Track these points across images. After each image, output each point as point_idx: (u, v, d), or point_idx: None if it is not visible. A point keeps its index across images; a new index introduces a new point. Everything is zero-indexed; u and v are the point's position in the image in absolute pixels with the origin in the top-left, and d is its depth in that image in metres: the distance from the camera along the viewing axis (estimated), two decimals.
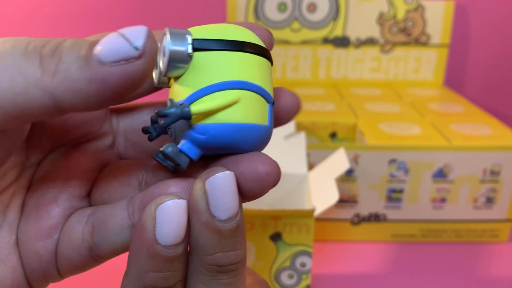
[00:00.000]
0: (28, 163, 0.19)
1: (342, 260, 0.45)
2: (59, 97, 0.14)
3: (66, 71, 0.13)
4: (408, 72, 0.66)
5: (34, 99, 0.14)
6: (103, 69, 0.14)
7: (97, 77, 0.14)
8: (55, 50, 0.14)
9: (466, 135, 0.47)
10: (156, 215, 0.16)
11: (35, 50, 0.14)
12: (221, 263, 0.16)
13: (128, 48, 0.14)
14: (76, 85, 0.14)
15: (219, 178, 0.16)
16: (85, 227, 0.18)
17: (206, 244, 0.16)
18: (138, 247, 0.16)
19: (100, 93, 0.14)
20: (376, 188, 0.45)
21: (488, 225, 0.47)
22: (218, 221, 0.16)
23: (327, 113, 0.53)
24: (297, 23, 0.64)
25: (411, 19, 0.64)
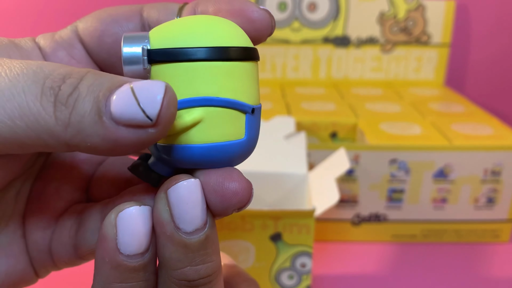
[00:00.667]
0: (42, 152, 0.19)
1: (343, 260, 0.44)
2: (72, 146, 0.13)
3: (78, 124, 0.13)
4: (408, 72, 0.66)
5: (47, 143, 0.13)
6: (116, 130, 0.13)
7: (110, 137, 0.13)
8: (69, 96, 0.13)
9: (467, 135, 0.47)
10: (117, 223, 0.15)
11: (51, 92, 0.13)
12: (190, 277, 0.15)
13: (140, 115, 0.13)
14: (89, 140, 0.13)
15: (183, 187, 0.15)
16: (73, 224, 0.18)
17: (172, 258, 0.15)
18: (101, 258, 0.15)
19: (112, 150, 0.13)
20: (377, 188, 0.45)
21: (489, 225, 0.47)
22: (183, 233, 0.15)
23: (327, 113, 0.53)
24: (297, 22, 0.64)
25: (412, 18, 0.64)
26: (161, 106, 0.13)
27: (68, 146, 0.13)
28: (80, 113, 0.13)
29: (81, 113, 0.13)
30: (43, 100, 0.13)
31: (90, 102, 0.13)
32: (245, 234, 0.35)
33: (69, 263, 0.18)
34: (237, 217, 0.34)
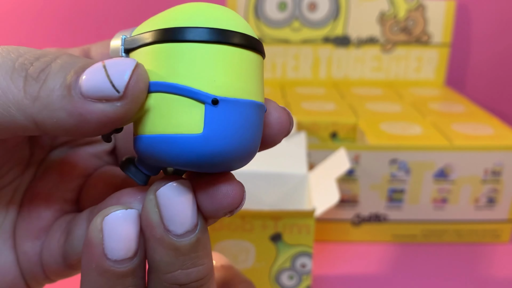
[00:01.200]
0: (32, 160, 0.18)
1: (343, 260, 0.44)
2: (39, 122, 0.13)
3: (47, 98, 0.13)
4: (409, 72, 0.66)
5: (15, 119, 0.13)
6: (83, 104, 0.13)
7: (76, 112, 0.13)
8: (41, 72, 0.13)
9: (467, 135, 0.47)
10: (103, 227, 0.14)
11: (22, 67, 0.13)
12: (181, 281, 0.15)
13: (108, 87, 0.13)
14: (56, 115, 0.13)
15: (172, 188, 0.14)
16: (62, 234, 0.17)
17: (162, 261, 0.15)
18: (88, 264, 0.14)
19: (79, 127, 0.13)
20: (377, 188, 0.45)
21: (490, 225, 0.47)
22: (174, 236, 0.14)
23: (327, 113, 0.53)
24: (297, 22, 0.64)
25: (412, 18, 0.64)
26: (129, 79, 0.13)
27: (35, 124, 0.13)
28: (49, 87, 0.13)
29: (51, 87, 0.13)
30: (13, 75, 0.13)
31: (61, 77, 0.13)
32: (245, 234, 0.35)
33: (60, 275, 0.18)
34: (237, 217, 0.34)
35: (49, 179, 0.18)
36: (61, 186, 0.18)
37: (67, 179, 0.18)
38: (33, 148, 0.18)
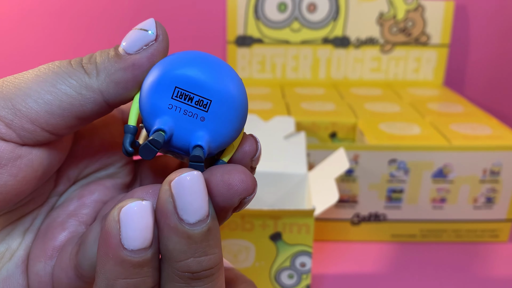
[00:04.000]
0: (55, 192, 0.20)
1: (342, 260, 0.45)
2: (105, 91, 0.17)
3: (105, 69, 0.17)
4: (408, 72, 0.66)
5: (86, 98, 0.16)
6: (132, 57, 0.17)
7: (129, 64, 0.17)
8: (90, 58, 0.17)
9: (466, 135, 0.47)
10: (120, 218, 0.15)
11: (77, 62, 0.17)
12: (193, 269, 0.15)
13: (146, 35, 0.17)
14: (115, 76, 0.17)
15: (186, 178, 0.15)
16: (74, 247, 0.18)
17: (175, 249, 0.15)
18: (105, 254, 0.15)
19: (135, 76, 0.17)
20: (376, 188, 0.45)
21: (488, 225, 0.47)
22: (187, 224, 0.15)
23: (327, 113, 0.53)
24: (297, 23, 0.64)
25: (411, 19, 0.64)
26: (156, 24, 0.17)
27: (102, 94, 0.17)
28: (103, 62, 0.17)
29: (103, 61, 0.17)
30: (76, 69, 0.17)
31: (106, 55, 0.17)
32: (245, 233, 0.35)
33: None
34: (237, 217, 0.34)
35: (67, 204, 0.19)
36: (78, 212, 0.19)
37: (85, 205, 0.19)
38: (58, 180, 0.20)
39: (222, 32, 0.67)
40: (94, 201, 0.20)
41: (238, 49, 0.65)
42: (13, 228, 0.18)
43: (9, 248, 0.18)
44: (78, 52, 0.67)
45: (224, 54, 0.68)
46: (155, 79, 0.16)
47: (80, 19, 0.66)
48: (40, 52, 0.67)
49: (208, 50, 0.68)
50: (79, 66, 0.17)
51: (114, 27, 0.67)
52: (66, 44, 0.67)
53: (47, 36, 0.67)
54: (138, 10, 0.66)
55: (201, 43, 0.67)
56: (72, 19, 0.66)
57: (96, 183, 0.20)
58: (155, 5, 0.66)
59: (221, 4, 0.65)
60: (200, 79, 0.16)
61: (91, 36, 0.67)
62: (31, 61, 0.68)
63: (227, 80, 0.16)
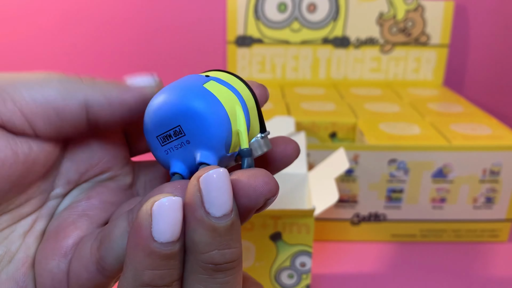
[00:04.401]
0: (54, 194, 0.20)
1: (342, 260, 0.45)
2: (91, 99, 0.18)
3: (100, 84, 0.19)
4: (407, 72, 0.66)
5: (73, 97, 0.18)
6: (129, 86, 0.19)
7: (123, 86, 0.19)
8: (91, 77, 0.19)
9: (465, 135, 0.47)
10: (152, 212, 0.16)
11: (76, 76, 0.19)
12: (217, 261, 0.16)
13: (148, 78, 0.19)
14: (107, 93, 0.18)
15: (213, 175, 0.16)
16: (93, 244, 0.19)
17: (201, 241, 0.16)
18: (135, 245, 0.16)
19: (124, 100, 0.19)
20: (376, 188, 0.45)
21: (488, 225, 0.47)
22: (213, 218, 0.16)
23: (327, 113, 0.53)
24: (297, 23, 0.64)
25: (411, 19, 0.64)
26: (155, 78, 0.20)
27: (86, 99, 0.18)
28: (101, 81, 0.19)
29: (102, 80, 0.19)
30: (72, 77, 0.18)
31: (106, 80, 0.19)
32: (245, 233, 0.35)
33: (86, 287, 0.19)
34: None
35: (75, 206, 0.20)
36: (88, 212, 0.20)
37: (94, 206, 0.20)
38: (56, 182, 0.20)
39: (222, 32, 0.67)
40: (102, 202, 0.20)
41: (238, 49, 0.65)
42: (12, 231, 0.19)
43: (8, 251, 0.19)
44: (79, 52, 0.67)
45: (224, 54, 0.68)
46: (147, 142, 0.19)
47: (82, 20, 0.66)
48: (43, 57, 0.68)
49: (208, 50, 0.68)
50: (76, 76, 0.18)
51: (114, 26, 0.67)
52: (68, 45, 0.67)
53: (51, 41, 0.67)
54: (138, 10, 0.66)
55: (201, 43, 0.67)
56: (73, 19, 0.66)
57: (101, 185, 0.21)
58: (155, 5, 0.66)
59: (221, 4, 0.65)
60: (160, 118, 0.18)
61: (91, 36, 0.67)
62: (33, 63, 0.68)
63: (178, 100, 0.18)
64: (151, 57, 0.68)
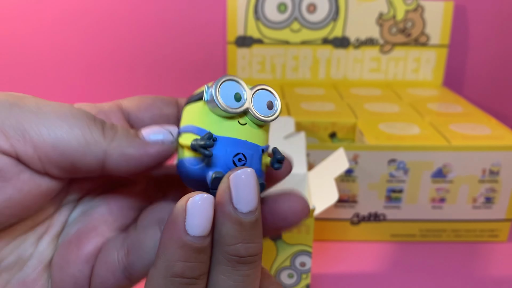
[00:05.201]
0: (67, 200, 0.21)
1: (342, 259, 0.45)
2: (109, 156, 0.18)
3: (120, 139, 0.19)
4: (407, 73, 0.66)
5: (91, 152, 0.18)
6: (148, 144, 0.19)
7: (142, 147, 0.19)
8: (112, 125, 0.19)
9: (465, 135, 0.47)
10: (187, 207, 0.17)
11: (100, 121, 0.19)
12: (241, 253, 0.18)
13: (168, 135, 0.19)
14: (126, 150, 0.18)
15: (241, 174, 0.18)
16: (120, 250, 0.20)
17: (228, 234, 0.18)
18: (169, 238, 0.17)
19: (141, 160, 0.19)
20: (376, 188, 0.45)
21: (487, 224, 0.47)
22: (240, 213, 0.17)
23: (326, 113, 0.53)
24: (297, 23, 0.64)
25: (411, 19, 0.64)
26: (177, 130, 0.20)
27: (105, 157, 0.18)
28: (121, 134, 0.19)
29: (122, 134, 0.19)
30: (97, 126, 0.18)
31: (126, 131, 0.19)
32: None
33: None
34: None
35: (93, 212, 0.21)
36: (108, 218, 0.21)
37: (113, 212, 0.21)
38: (70, 188, 0.21)
39: (222, 33, 0.67)
40: (120, 207, 0.22)
41: (238, 49, 0.65)
42: (25, 238, 0.20)
43: (19, 259, 0.19)
44: (81, 54, 0.67)
45: (224, 54, 0.68)
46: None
47: (81, 20, 0.66)
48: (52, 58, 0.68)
49: (208, 50, 0.68)
50: (100, 125, 0.19)
51: (114, 26, 0.67)
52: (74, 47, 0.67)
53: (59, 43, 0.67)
54: (138, 10, 0.66)
55: (201, 43, 0.68)
56: (73, 20, 0.66)
57: (116, 190, 0.22)
58: (155, 6, 0.66)
59: (221, 5, 0.65)
60: None
61: (93, 38, 0.67)
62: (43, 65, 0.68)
63: None
64: (151, 57, 0.68)
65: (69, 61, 0.68)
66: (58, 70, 0.69)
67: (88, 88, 0.70)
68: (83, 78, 0.69)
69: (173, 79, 0.69)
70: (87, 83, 0.69)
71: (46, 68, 0.68)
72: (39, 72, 0.69)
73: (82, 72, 0.69)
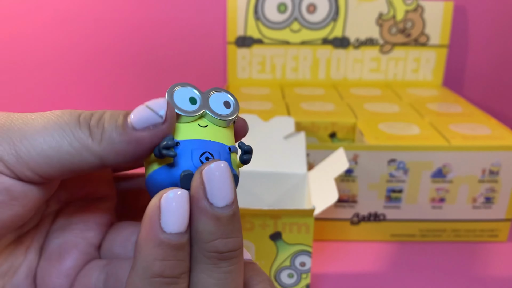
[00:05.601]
0: (47, 212, 0.21)
1: (342, 259, 0.45)
2: (104, 158, 0.18)
3: (109, 138, 0.18)
4: (407, 73, 0.67)
5: (86, 159, 0.18)
6: (137, 133, 0.18)
7: (133, 139, 0.18)
8: (99, 121, 0.18)
9: (465, 135, 0.47)
10: (161, 204, 0.17)
11: (85, 121, 0.18)
12: (221, 249, 0.17)
13: (155, 116, 0.18)
14: (118, 146, 0.18)
15: (214, 167, 0.17)
16: (100, 274, 0.20)
17: (205, 230, 0.17)
18: (145, 237, 0.17)
19: (135, 151, 0.18)
20: (376, 188, 0.45)
21: (487, 224, 0.47)
22: (216, 208, 0.17)
23: (326, 113, 0.53)
24: (297, 23, 0.64)
25: (411, 19, 0.64)
26: (167, 107, 0.18)
27: (101, 159, 0.18)
28: (108, 130, 0.18)
29: (109, 129, 0.18)
30: (81, 128, 0.18)
31: (114, 121, 0.18)
32: (245, 233, 0.35)
33: None
34: None
35: (73, 227, 0.22)
36: (85, 232, 0.22)
37: (89, 227, 0.22)
38: (49, 201, 0.21)
39: (222, 33, 0.67)
40: (97, 224, 0.22)
41: (238, 49, 0.65)
42: (16, 247, 0.20)
43: (12, 266, 0.20)
44: (81, 54, 0.68)
45: (224, 54, 0.68)
46: None
47: (79, 18, 0.66)
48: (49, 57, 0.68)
49: (208, 50, 0.68)
50: (86, 126, 0.18)
51: (114, 26, 0.67)
52: (69, 44, 0.67)
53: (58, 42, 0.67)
54: (138, 10, 0.66)
55: (201, 43, 0.68)
56: (73, 20, 0.66)
57: (92, 205, 0.22)
58: (155, 6, 0.66)
59: (221, 5, 0.65)
60: None
61: (92, 37, 0.67)
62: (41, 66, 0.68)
63: None
64: (151, 57, 0.68)
65: (69, 61, 0.68)
66: (58, 70, 0.69)
67: (87, 88, 0.70)
68: (83, 78, 0.69)
69: (173, 79, 0.69)
70: (87, 83, 0.69)
71: (46, 68, 0.69)
72: (39, 71, 0.69)
73: (82, 72, 0.69)
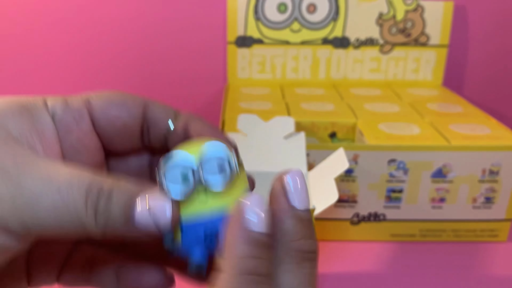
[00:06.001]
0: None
1: (342, 259, 0.45)
2: (95, 234, 0.18)
3: (113, 226, 0.18)
4: (407, 73, 0.67)
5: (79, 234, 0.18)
6: (138, 230, 0.18)
7: (133, 233, 0.18)
8: (106, 205, 0.18)
9: (465, 135, 0.47)
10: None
11: (93, 205, 0.18)
12: (304, 249, 0.19)
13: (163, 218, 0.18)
14: (115, 232, 0.18)
15: (294, 174, 0.19)
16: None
17: (290, 230, 0.19)
18: (235, 235, 0.18)
19: (133, 236, 0.19)
20: (376, 188, 0.45)
21: (487, 224, 0.47)
22: (298, 210, 0.19)
23: (326, 113, 0.53)
24: (297, 23, 0.64)
25: (411, 19, 0.64)
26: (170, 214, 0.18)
27: (95, 236, 0.18)
28: (113, 219, 0.18)
29: (114, 218, 0.18)
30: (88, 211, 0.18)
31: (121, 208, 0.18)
32: None
33: None
34: None
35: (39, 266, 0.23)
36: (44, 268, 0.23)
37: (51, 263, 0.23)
38: None
39: (222, 33, 0.67)
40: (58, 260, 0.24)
41: (238, 49, 0.65)
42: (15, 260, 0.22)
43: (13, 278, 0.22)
44: (82, 55, 0.68)
45: (224, 54, 0.68)
46: None
47: (79, 18, 0.66)
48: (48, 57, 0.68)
49: (208, 50, 0.68)
50: (92, 212, 0.18)
51: (113, 26, 0.67)
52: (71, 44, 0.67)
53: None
54: (137, 10, 0.66)
55: (201, 43, 0.68)
56: (72, 19, 0.66)
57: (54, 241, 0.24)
58: (155, 6, 0.66)
59: (221, 5, 0.65)
60: None
61: (92, 36, 0.67)
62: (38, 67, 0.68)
63: None
64: (150, 57, 0.68)
65: (69, 62, 0.68)
66: (58, 70, 0.69)
67: (88, 88, 0.70)
68: (83, 78, 0.69)
69: (173, 79, 0.69)
70: (87, 83, 0.69)
71: (47, 68, 0.69)
72: (40, 71, 0.69)
73: (82, 72, 0.69)
